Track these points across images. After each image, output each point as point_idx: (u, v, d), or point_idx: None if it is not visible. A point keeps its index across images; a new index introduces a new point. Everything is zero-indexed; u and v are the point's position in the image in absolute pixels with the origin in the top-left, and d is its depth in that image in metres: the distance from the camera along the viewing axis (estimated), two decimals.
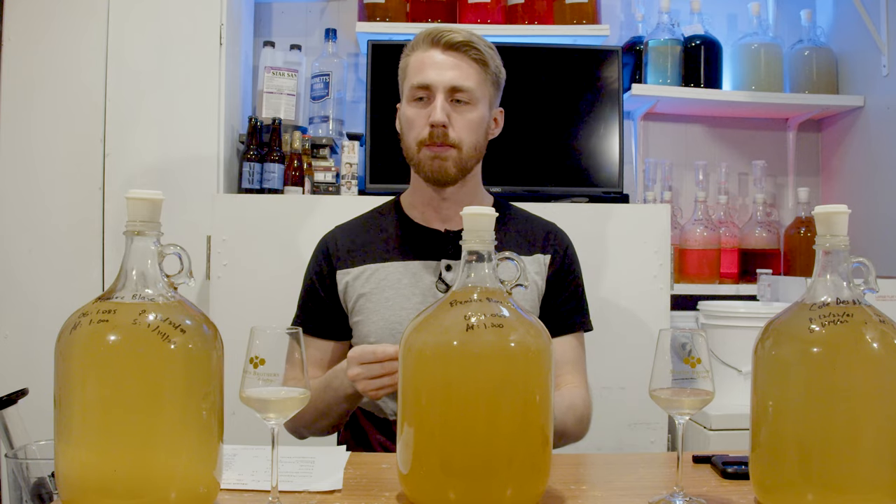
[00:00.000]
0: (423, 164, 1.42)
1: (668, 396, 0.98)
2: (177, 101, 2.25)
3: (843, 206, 0.96)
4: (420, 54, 1.42)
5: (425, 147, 1.41)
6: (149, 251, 0.93)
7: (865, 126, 2.58)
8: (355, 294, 1.46)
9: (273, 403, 0.93)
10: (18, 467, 1.27)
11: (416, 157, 1.43)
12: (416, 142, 1.42)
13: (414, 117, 1.42)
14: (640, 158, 2.72)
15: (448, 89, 1.39)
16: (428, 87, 1.40)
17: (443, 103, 1.39)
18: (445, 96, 1.39)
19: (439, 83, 1.39)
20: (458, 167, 1.42)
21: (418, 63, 1.42)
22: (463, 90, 1.40)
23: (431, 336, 0.97)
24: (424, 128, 1.40)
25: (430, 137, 1.39)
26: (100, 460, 0.88)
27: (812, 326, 0.93)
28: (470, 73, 1.41)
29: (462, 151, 1.41)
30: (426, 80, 1.40)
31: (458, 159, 1.42)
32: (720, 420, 2.04)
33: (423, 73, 1.40)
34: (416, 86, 1.41)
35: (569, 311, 1.51)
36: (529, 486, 0.96)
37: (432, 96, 1.40)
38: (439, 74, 1.39)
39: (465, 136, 1.41)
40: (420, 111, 1.41)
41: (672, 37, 2.56)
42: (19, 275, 2.22)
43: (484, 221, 0.99)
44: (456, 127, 1.40)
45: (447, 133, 1.39)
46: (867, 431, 0.91)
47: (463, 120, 1.41)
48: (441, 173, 1.41)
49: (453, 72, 1.40)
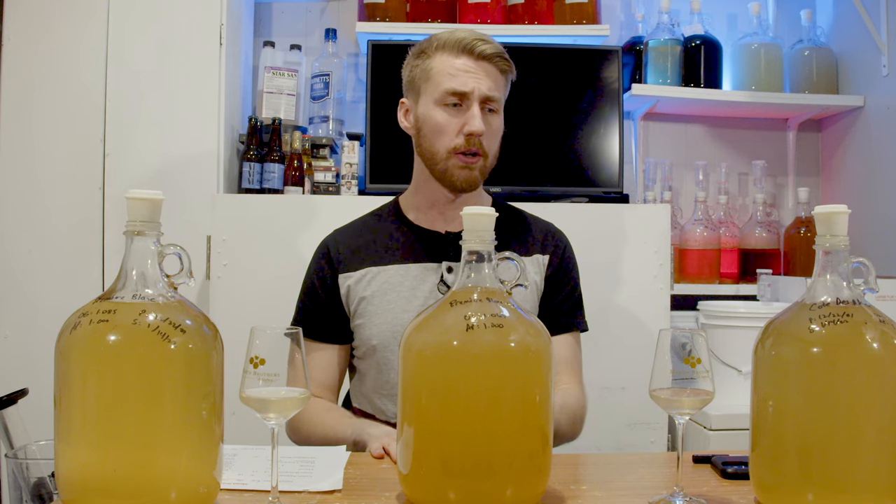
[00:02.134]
0: (452, 173, 1.42)
1: (668, 396, 0.98)
2: (177, 101, 2.25)
3: (843, 206, 0.96)
4: (449, 59, 1.41)
5: (456, 155, 1.41)
6: (149, 251, 0.93)
7: (865, 126, 2.58)
8: (357, 297, 1.46)
9: (273, 403, 0.93)
10: (18, 467, 1.27)
11: (443, 163, 1.42)
12: (447, 149, 1.41)
13: (446, 123, 1.41)
14: (640, 158, 2.72)
15: (483, 98, 1.40)
16: (465, 94, 1.40)
17: (479, 111, 1.39)
18: (480, 105, 1.40)
19: (477, 91, 1.39)
20: (482, 174, 1.45)
21: (449, 67, 1.40)
22: (494, 100, 1.42)
23: (431, 336, 0.97)
24: (458, 135, 1.40)
25: (468, 145, 1.40)
26: (100, 460, 0.88)
27: (812, 326, 0.93)
28: (499, 84, 1.43)
29: (488, 160, 1.44)
30: (464, 87, 1.39)
31: (484, 167, 1.44)
32: (720, 420, 2.04)
33: (458, 80, 1.39)
34: (452, 92, 1.40)
35: (565, 310, 1.51)
36: (529, 486, 0.96)
37: (467, 104, 1.40)
38: (477, 83, 1.40)
39: (492, 145, 1.44)
40: (453, 118, 1.41)
41: (672, 37, 2.56)
42: (19, 275, 2.22)
43: (484, 221, 0.99)
44: (487, 135, 1.41)
45: (481, 141, 1.40)
46: (867, 431, 0.91)
47: (491, 129, 1.43)
48: (469, 181, 1.43)
49: (488, 81, 1.40)
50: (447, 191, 1.46)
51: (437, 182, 1.45)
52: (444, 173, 1.43)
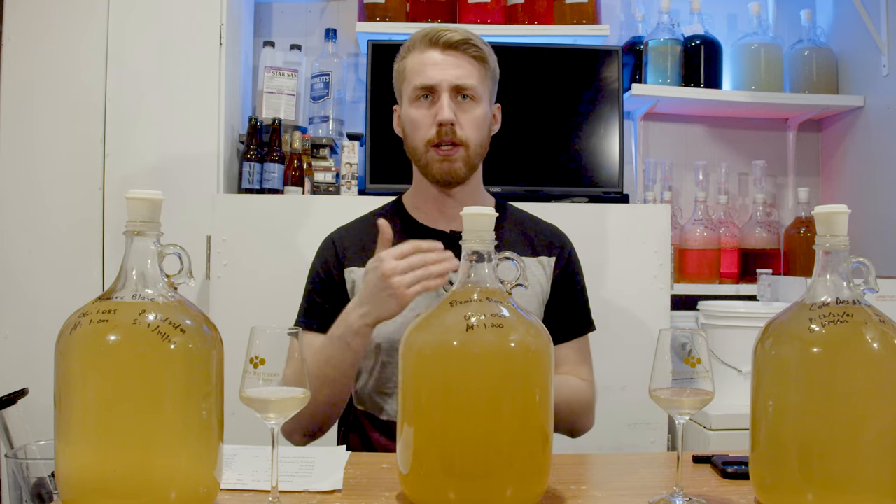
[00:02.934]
0: (432, 166, 1.42)
1: (668, 396, 0.98)
2: (177, 101, 2.25)
3: (843, 206, 0.96)
4: (418, 56, 1.41)
5: (433, 148, 1.40)
6: (149, 251, 0.93)
7: (865, 126, 2.58)
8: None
9: (273, 403, 0.93)
10: (18, 467, 1.27)
11: (423, 157, 1.42)
12: (423, 142, 1.41)
13: (419, 118, 1.41)
14: (640, 158, 2.72)
15: (452, 88, 1.39)
16: (432, 87, 1.39)
17: (448, 101, 1.38)
18: (450, 95, 1.39)
19: (443, 82, 1.39)
20: (466, 165, 1.42)
21: (418, 64, 1.41)
22: (467, 88, 1.40)
23: (431, 336, 0.97)
24: (431, 127, 1.40)
25: (439, 136, 1.39)
26: (100, 460, 0.88)
27: (812, 326, 0.93)
28: (471, 71, 1.41)
29: (470, 149, 1.41)
30: (429, 80, 1.39)
31: (467, 158, 1.42)
32: (720, 420, 2.04)
33: (425, 74, 1.40)
34: (420, 86, 1.40)
35: (575, 315, 1.52)
36: (529, 486, 0.96)
37: (437, 96, 1.40)
38: (442, 73, 1.39)
39: (471, 134, 1.41)
40: (425, 111, 1.41)
41: (672, 37, 2.56)
42: (19, 275, 2.22)
43: (484, 221, 0.99)
44: (463, 125, 1.40)
45: (455, 130, 1.39)
46: (867, 431, 0.91)
47: (469, 118, 1.41)
48: (451, 174, 1.41)
49: (456, 70, 1.40)
50: (434, 186, 1.45)
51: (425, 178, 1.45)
52: (426, 168, 1.43)
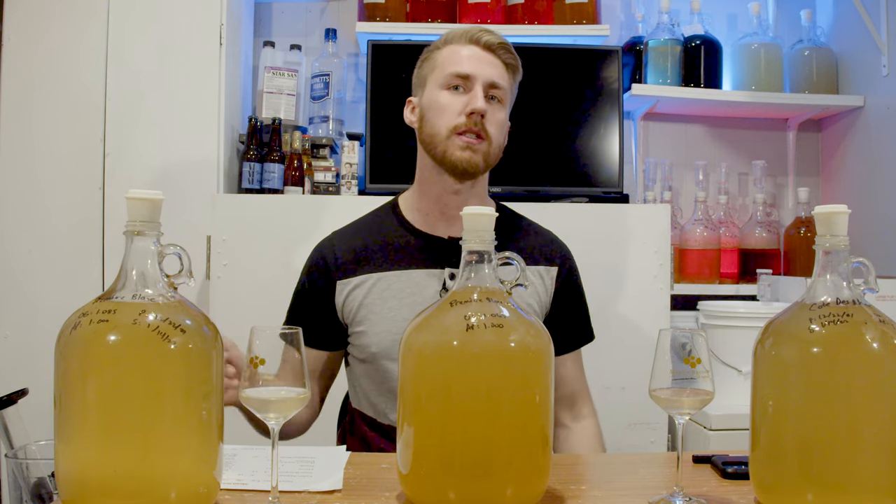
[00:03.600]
0: (452, 153, 1.40)
1: (668, 396, 0.98)
2: (177, 101, 2.25)
3: (843, 206, 0.96)
4: (457, 48, 1.43)
5: (457, 135, 1.39)
6: (149, 251, 0.93)
7: (865, 126, 2.58)
8: (356, 304, 1.43)
9: (273, 403, 0.93)
10: (18, 467, 1.27)
11: (443, 143, 1.40)
12: (447, 128, 1.40)
13: (448, 103, 1.41)
14: (640, 158, 2.72)
15: (487, 84, 1.41)
16: (468, 77, 1.40)
17: (482, 94, 1.40)
18: (484, 89, 1.40)
19: (480, 75, 1.40)
20: (485, 161, 1.42)
21: (454, 55, 1.43)
22: (499, 87, 1.42)
23: (431, 336, 0.97)
24: (460, 115, 1.40)
25: (468, 125, 1.39)
26: (100, 460, 0.88)
27: (812, 326, 0.93)
28: (504, 75, 1.44)
29: (492, 146, 1.42)
30: (468, 70, 1.41)
31: (487, 153, 1.41)
32: (720, 420, 2.04)
33: (463, 64, 1.41)
34: (456, 74, 1.41)
35: (577, 327, 1.53)
36: (529, 486, 0.96)
37: (470, 87, 1.41)
38: (481, 68, 1.41)
39: (495, 132, 1.42)
40: (456, 98, 1.41)
41: (672, 37, 2.56)
42: (19, 275, 2.22)
43: (484, 221, 0.99)
44: (490, 121, 1.41)
45: (484, 122, 1.40)
46: (867, 431, 0.91)
47: (495, 117, 1.42)
48: (470, 163, 1.40)
49: (492, 69, 1.42)
50: (449, 176, 1.42)
51: (439, 167, 1.42)
52: (444, 155, 1.40)
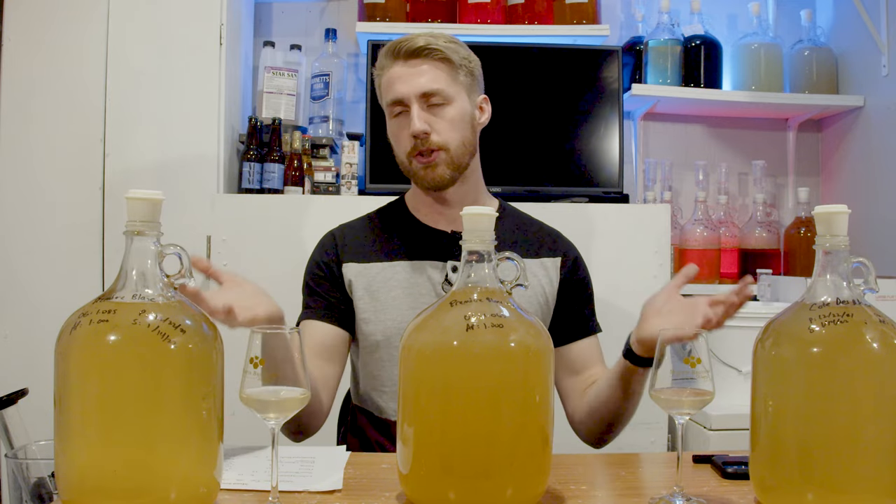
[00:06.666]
0: (417, 174, 1.44)
1: (668, 396, 0.98)
2: (177, 101, 2.25)
3: (843, 206, 0.96)
4: (388, 71, 1.44)
5: (414, 158, 1.43)
6: (149, 251, 0.93)
7: (865, 126, 2.58)
8: (360, 290, 1.45)
9: (273, 403, 0.93)
10: (18, 467, 1.27)
11: (409, 168, 1.45)
12: (404, 154, 1.44)
13: (397, 131, 1.44)
14: (640, 158, 2.72)
15: (420, 97, 1.40)
16: (400, 100, 1.41)
17: (418, 112, 1.40)
18: (420, 104, 1.40)
19: (409, 94, 1.40)
20: (451, 168, 1.43)
21: (388, 80, 1.44)
22: (434, 93, 1.41)
23: (431, 336, 0.97)
24: (409, 140, 1.42)
25: (415, 148, 1.41)
26: (100, 460, 0.88)
27: (812, 326, 0.93)
28: (438, 75, 1.41)
29: (451, 151, 1.42)
30: (397, 94, 1.41)
31: (450, 160, 1.42)
32: (720, 420, 2.05)
33: (392, 89, 1.42)
34: (390, 102, 1.43)
35: (587, 313, 1.53)
36: (529, 486, 0.96)
37: (408, 108, 1.41)
38: (407, 85, 1.40)
39: (449, 137, 1.42)
40: (402, 123, 1.43)
41: (672, 37, 2.56)
42: (19, 275, 2.22)
43: (484, 221, 0.99)
44: (438, 130, 1.41)
45: (430, 139, 1.41)
46: (867, 431, 0.91)
47: (443, 121, 1.42)
48: (435, 180, 1.43)
49: (420, 78, 1.41)
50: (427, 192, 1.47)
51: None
52: (413, 177, 1.46)
